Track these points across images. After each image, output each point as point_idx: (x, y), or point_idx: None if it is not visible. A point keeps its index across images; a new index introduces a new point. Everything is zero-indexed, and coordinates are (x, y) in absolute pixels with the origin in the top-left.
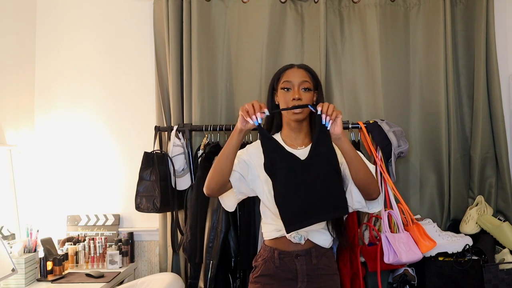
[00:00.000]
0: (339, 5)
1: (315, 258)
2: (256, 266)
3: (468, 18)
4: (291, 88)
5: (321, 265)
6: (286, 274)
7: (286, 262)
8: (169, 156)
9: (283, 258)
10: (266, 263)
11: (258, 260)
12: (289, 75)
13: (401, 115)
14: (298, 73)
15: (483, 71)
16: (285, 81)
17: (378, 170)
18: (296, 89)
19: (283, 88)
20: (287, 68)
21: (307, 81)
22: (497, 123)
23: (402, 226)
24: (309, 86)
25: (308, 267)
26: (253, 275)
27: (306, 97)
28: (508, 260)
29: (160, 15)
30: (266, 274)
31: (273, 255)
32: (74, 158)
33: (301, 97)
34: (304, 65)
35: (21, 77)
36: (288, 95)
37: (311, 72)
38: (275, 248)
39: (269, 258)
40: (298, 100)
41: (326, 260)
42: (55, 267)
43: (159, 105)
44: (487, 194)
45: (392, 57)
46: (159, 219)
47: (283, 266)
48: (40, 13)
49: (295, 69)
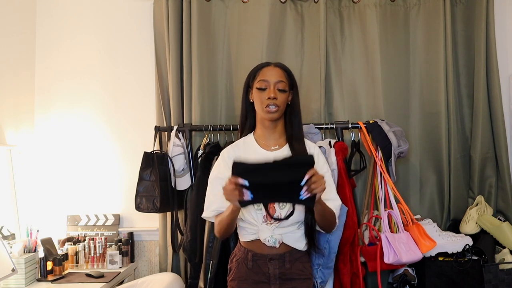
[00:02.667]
0: (339, 5)
1: (288, 262)
2: (231, 269)
3: (468, 18)
4: (267, 87)
5: (294, 269)
6: (259, 277)
7: (259, 264)
8: (169, 156)
9: (256, 261)
10: (239, 266)
11: (233, 261)
12: (265, 74)
13: (401, 115)
14: (274, 72)
15: (483, 71)
16: (261, 80)
17: (378, 170)
18: (272, 88)
19: (259, 88)
20: (263, 66)
21: (283, 81)
22: (497, 123)
23: (402, 226)
24: (284, 87)
25: (280, 270)
26: (229, 278)
27: (281, 97)
28: (508, 260)
29: (160, 15)
30: (239, 277)
31: (247, 256)
32: (74, 158)
33: (276, 96)
34: (280, 64)
35: (21, 77)
36: (264, 95)
37: (287, 72)
38: (249, 249)
39: (242, 260)
40: (274, 99)
41: (300, 264)
42: (55, 267)
43: (159, 105)
44: (487, 194)
45: (392, 57)
46: (159, 219)
47: (256, 269)
48: (40, 13)
49: (272, 67)
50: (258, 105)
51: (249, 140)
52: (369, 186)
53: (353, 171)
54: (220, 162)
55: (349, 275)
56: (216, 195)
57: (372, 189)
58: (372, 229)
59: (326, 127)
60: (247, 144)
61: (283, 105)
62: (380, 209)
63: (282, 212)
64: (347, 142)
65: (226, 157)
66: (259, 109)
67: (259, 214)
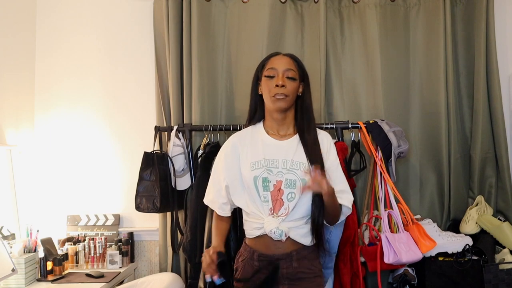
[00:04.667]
0: (339, 5)
1: (296, 261)
2: (237, 269)
3: (468, 18)
4: (275, 75)
5: (302, 268)
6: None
7: (265, 265)
8: (169, 156)
9: (262, 261)
10: (246, 266)
11: (239, 261)
12: (273, 62)
13: (401, 115)
14: (284, 60)
15: (483, 71)
16: (269, 68)
17: (378, 170)
18: (280, 76)
19: (267, 76)
20: (272, 56)
21: (292, 70)
22: (497, 123)
23: (402, 226)
24: (294, 75)
25: (288, 270)
26: (235, 278)
27: (290, 85)
28: (508, 260)
29: (160, 15)
30: (246, 277)
31: (252, 256)
32: (74, 158)
33: (285, 83)
34: (290, 54)
35: (21, 77)
36: (272, 82)
37: (297, 61)
38: (255, 249)
39: (248, 260)
40: (282, 87)
41: (308, 262)
42: (55, 267)
43: (159, 105)
44: (487, 194)
45: (392, 57)
46: (159, 219)
47: (263, 270)
48: (40, 13)
49: (281, 56)
50: (266, 95)
51: (258, 128)
52: (369, 186)
53: (353, 171)
54: (222, 150)
55: (349, 275)
56: (213, 186)
57: (372, 189)
58: (372, 229)
59: (326, 127)
60: (255, 132)
61: (293, 94)
62: (380, 209)
63: (290, 204)
64: (347, 142)
65: (229, 146)
66: (267, 99)
67: (265, 206)
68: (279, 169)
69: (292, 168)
